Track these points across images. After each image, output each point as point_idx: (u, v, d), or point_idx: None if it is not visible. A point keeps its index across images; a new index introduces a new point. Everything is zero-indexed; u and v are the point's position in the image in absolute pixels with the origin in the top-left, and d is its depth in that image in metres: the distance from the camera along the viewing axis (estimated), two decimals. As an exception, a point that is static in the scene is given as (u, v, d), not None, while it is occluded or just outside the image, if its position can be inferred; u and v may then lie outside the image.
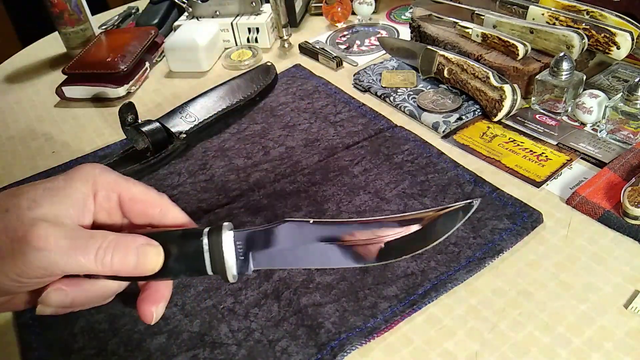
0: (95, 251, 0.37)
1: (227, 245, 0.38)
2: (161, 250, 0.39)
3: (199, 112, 0.70)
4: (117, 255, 0.37)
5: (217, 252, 0.38)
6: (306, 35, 0.93)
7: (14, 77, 0.96)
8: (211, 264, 0.38)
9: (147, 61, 0.90)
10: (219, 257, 0.38)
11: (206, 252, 0.38)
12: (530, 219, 0.50)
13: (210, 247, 0.38)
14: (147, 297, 0.41)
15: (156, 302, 0.41)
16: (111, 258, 0.37)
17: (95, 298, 0.40)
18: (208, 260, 0.38)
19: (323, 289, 0.47)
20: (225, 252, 0.38)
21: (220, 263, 0.38)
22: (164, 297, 0.42)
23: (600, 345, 0.40)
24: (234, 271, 0.39)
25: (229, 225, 0.40)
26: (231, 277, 0.39)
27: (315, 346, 0.42)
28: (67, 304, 0.39)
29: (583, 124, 0.61)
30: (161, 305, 0.41)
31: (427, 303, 0.44)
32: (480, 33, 0.70)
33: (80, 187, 0.40)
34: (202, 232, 0.39)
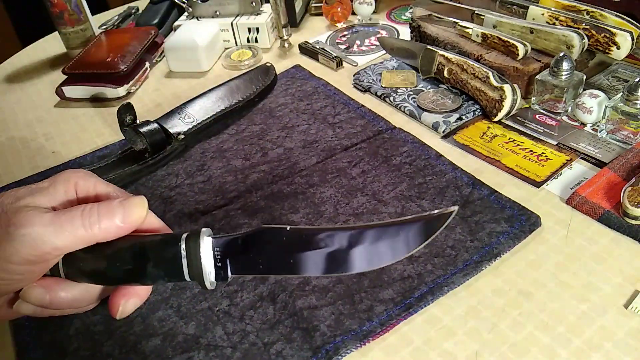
0: (80, 216, 0.38)
1: (204, 252, 0.38)
2: (144, 199, 0.41)
3: (198, 113, 0.70)
4: (102, 212, 0.39)
5: (195, 258, 0.38)
6: (306, 35, 0.93)
7: (14, 77, 0.96)
8: (188, 270, 0.38)
9: (147, 61, 0.90)
10: (196, 263, 0.38)
11: (184, 257, 0.38)
12: (529, 222, 0.49)
13: (187, 253, 0.38)
14: (119, 290, 0.41)
15: (127, 296, 0.41)
16: (98, 217, 0.38)
17: (74, 301, 0.41)
18: (185, 266, 0.38)
19: (319, 291, 0.46)
20: (203, 258, 0.38)
21: (197, 269, 0.38)
22: (138, 295, 0.42)
23: (600, 345, 0.40)
24: (212, 277, 0.39)
25: (207, 231, 0.40)
26: (208, 283, 0.39)
27: (310, 349, 0.42)
28: (45, 301, 0.40)
29: (583, 124, 0.61)
30: (131, 301, 0.41)
31: (423, 306, 0.44)
32: (480, 33, 0.70)
33: (61, 188, 0.41)
34: (180, 237, 0.39)
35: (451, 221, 0.39)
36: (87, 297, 0.42)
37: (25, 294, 0.39)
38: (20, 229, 0.36)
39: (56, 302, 0.40)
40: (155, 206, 0.59)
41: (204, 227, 0.40)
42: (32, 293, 0.39)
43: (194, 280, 0.39)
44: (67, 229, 0.37)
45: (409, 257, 0.48)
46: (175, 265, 0.38)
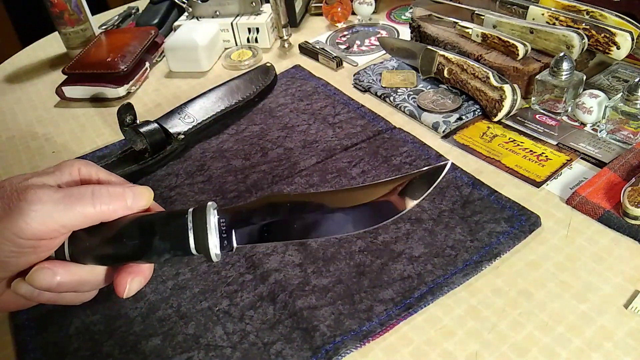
0: (91, 195, 0.40)
1: (211, 224, 0.40)
2: (150, 189, 0.43)
3: (198, 113, 0.70)
4: (113, 194, 0.41)
5: (201, 230, 0.39)
6: (306, 35, 0.93)
7: (14, 77, 0.97)
8: (195, 242, 0.39)
9: (147, 61, 0.90)
10: (203, 235, 0.39)
11: (190, 230, 0.39)
12: (528, 222, 0.49)
13: (194, 225, 0.39)
14: (125, 269, 0.42)
15: (132, 274, 0.42)
16: (109, 198, 0.40)
17: (79, 284, 0.41)
18: (192, 238, 0.39)
19: (319, 291, 0.46)
20: (209, 230, 0.40)
21: (203, 241, 0.39)
22: (143, 274, 0.42)
23: (600, 345, 0.40)
24: (217, 250, 0.40)
25: (213, 205, 0.41)
26: (214, 255, 0.40)
27: (310, 349, 0.42)
28: (53, 284, 0.40)
29: (583, 124, 0.61)
30: (137, 279, 0.42)
31: (423, 306, 0.44)
32: (480, 33, 0.70)
33: (67, 171, 0.43)
34: (187, 211, 0.40)
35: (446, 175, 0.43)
36: (92, 280, 0.42)
37: (33, 275, 0.39)
38: (31, 204, 0.37)
39: (63, 285, 0.40)
40: (155, 206, 0.59)
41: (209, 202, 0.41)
42: (39, 274, 0.39)
43: (200, 253, 0.40)
44: (77, 207, 0.39)
45: (409, 257, 0.48)
46: (181, 238, 0.39)
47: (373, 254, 0.49)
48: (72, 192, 0.39)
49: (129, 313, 0.48)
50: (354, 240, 0.50)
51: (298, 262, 0.49)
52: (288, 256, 0.50)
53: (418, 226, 0.51)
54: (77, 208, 0.39)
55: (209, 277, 0.50)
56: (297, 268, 0.49)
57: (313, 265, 0.49)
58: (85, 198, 0.39)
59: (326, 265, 0.48)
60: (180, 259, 0.51)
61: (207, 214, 0.40)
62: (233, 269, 0.50)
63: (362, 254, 0.49)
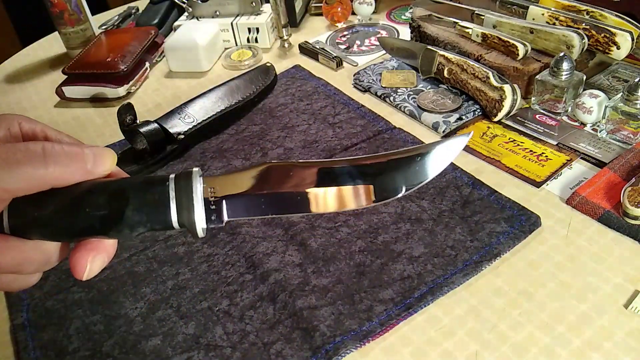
0: (42, 153, 0.31)
1: (197, 193, 0.33)
2: (113, 151, 0.35)
3: (198, 113, 0.70)
4: (70, 154, 0.32)
5: (186, 200, 0.33)
6: (306, 35, 0.93)
7: (14, 77, 0.96)
8: (177, 214, 0.33)
9: (147, 61, 0.90)
10: (188, 206, 0.33)
11: (172, 199, 0.33)
12: (528, 222, 0.49)
13: (177, 194, 0.33)
14: (84, 245, 0.34)
15: (94, 251, 0.34)
16: (66, 158, 0.32)
17: (22, 264, 0.33)
18: (174, 210, 0.33)
19: (319, 291, 0.46)
20: (195, 200, 0.33)
21: (188, 213, 0.33)
22: (106, 251, 0.34)
23: (600, 345, 0.40)
24: (204, 223, 0.34)
25: (199, 171, 0.35)
26: (200, 230, 0.34)
27: (310, 349, 0.42)
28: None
29: (583, 124, 0.61)
30: (99, 257, 0.34)
31: (423, 306, 0.44)
32: (480, 33, 0.70)
33: (3, 126, 0.35)
34: (168, 177, 0.33)
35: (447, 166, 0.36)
36: (37, 259, 0.33)
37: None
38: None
39: (3, 265, 0.32)
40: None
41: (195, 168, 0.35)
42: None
43: (183, 227, 0.33)
44: (23, 167, 0.30)
45: (409, 257, 0.48)
46: (161, 209, 0.33)
47: (373, 254, 0.49)
48: (17, 148, 0.31)
49: (129, 313, 0.48)
50: (354, 240, 0.50)
51: (298, 262, 0.49)
52: (288, 256, 0.50)
53: (418, 226, 0.51)
54: (23, 168, 0.30)
55: (209, 277, 0.50)
56: (297, 268, 0.49)
57: (313, 265, 0.49)
58: (34, 156, 0.31)
59: (326, 265, 0.48)
60: (154, 234, 0.46)
61: (192, 181, 0.33)
62: (233, 269, 0.50)
63: (362, 254, 0.49)
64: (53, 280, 0.52)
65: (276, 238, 0.52)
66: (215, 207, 0.34)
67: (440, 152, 0.35)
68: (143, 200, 0.33)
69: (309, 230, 0.52)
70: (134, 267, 0.52)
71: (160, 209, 0.33)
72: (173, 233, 0.55)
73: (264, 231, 0.53)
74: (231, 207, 0.34)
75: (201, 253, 0.52)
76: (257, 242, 0.52)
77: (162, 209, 0.33)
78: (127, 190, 0.33)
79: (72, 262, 0.33)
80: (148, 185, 0.33)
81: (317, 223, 0.53)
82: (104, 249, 0.34)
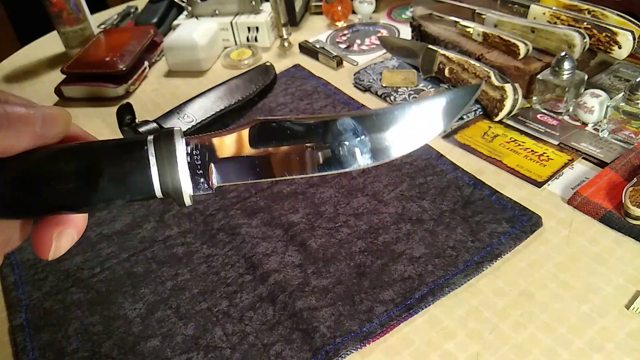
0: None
1: (180, 156, 0.29)
2: (67, 111, 0.29)
3: (197, 113, 0.70)
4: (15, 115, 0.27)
5: (168, 165, 0.29)
6: (306, 34, 0.93)
7: (12, 77, 0.96)
8: (160, 182, 0.29)
9: (146, 60, 0.89)
10: (171, 171, 0.29)
11: (153, 165, 0.29)
12: (530, 223, 0.49)
13: (158, 159, 0.29)
14: (47, 220, 0.29)
15: (60, 226, 0.29)
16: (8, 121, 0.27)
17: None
18: (156, 176, 0.29)
19: (319, 292, 0.46)
20: (179, 163, 0.29)
21: (172, 180, 0.29)
22: (74, 224, 0.30)
23: (601, 346, 0.40)
24: (191, 190, 0.30)
25: (180, 131, 0.30)
26: (187, 198, 0.30)
27: (310, 350, 0.42)
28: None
29: (584, 124, 0.60)
30: (67, 233, 0.29)
31: (423, 307, 0.44)
32: (481, 32, 0.69)
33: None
34: (146, 140, 0.29)
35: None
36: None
37: None
38: None
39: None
40: (154, 207, 0.59)
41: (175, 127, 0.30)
42: None
43: (167, 197, 0.29)
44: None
45: (410, 257, 0.48)
46: (141, 177, 0.29)
47: (373, 255, 0.49)
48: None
49: (128, 314, 0.47)
50: (355, 241, 0.50)
51: (298, 262, 0.49)
52: (288, 257, 0.50)
53: (419, 226, 0.51)
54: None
55: (208, 278, 0.49)
56: (297, 269, 0.48)
57: (313, 265, 0.48)
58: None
59: (326, 265, 0.48)
60: (153, 235, 0.43)
61: (174, 142, 0.29)
62: (232, 269, 0.50)
63: (362, 254, 0.49)
64: (52, 280, 0.52)
65: (276, 238, 0.52)
66: (202, 172, 0.30)
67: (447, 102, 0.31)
68: (119, 168, 0.28)
69: (309, 231, 0.52)
70: (132, 268, 0.52)
71: (140, 177, 0.29)
72: (172, 233, 0.54)
73: (264, 231, 0.53)
74: (221, 170, 0.30)
75: (200, 254, 0.52)
76: (257, 243, 0.52)
77: (141, 177, 0.29)
78: (99, 156, 0.29)
79: (35, 241, 0.29)
80: (123, 149, 0.29)
81: (317, 223, 0.53)
82: (72, 223, 0.30)
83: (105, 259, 0.53)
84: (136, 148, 0.28)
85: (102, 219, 0.58)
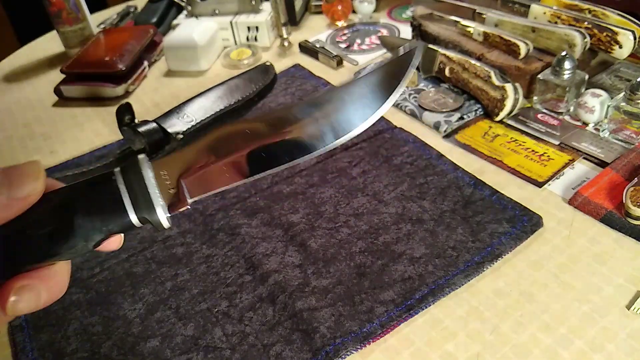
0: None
1: (149, 181, 0.29)
2: (39, 164, 0.28)
3: (197, 113, 0.70)
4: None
5: (140, 193, 0.29)
6: (306, 34, 0.93)
7: (12, 76, 0.96)
8: (135, 210, 0.29)
9: (146, 60, 0.89)
10: (144, 198, 0.29)
11: (124, 195, 0.29)
12: (530, 223, 0.49)
13: (128, 189, 0.29)
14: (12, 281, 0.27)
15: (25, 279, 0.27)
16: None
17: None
18: (129, 205, 0.29)
19: (319, 293, 0.46)
20: (149, 186, 0.29)
21: (146, 206, 0.29)
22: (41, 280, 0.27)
23: (602, 346, 0.40)
24: (167, 212, 0.30)
25: (145, 158, 0.30)
26: (165, 221, 0.30)
27: (310, 351, 0.41)
28: None
29: (585, 124, 0.60)
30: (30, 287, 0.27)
31: (424, 308, 0.44)
32: (481, 32, 0.69)
33: None
34: (113, 172, 0.29)
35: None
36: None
37: None
38: None
39: None
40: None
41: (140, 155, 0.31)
42: None
43: (145, 222, 0.30)
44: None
45: (410, 257, 0.47)
46: (115, 209, 0.29)
47: (374, 255, 0.48)
48: None
49: (128, 314, 0.47)
50: (355, 241, 0.50)
51: (298, 263, 0.49)
52: (288, 257, 0.50)
53: (419, 227, 0.51)
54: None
55: (208, 278, 0.49)
56: (297, 269, 0.48)
57: (313, 266, 0.48)
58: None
59: (326, 266, 0.48)
60: (152, 235, 0.42)
61: (141, 170, 0.29)
62: (232, 270, 0.50)
63: (362, 254, 0.49)
64: (51, 281, 0.52)
65: (276, 239, 0.52)
66: (174, 191, 0.30)
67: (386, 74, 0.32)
68: (92, 203, 0.29)
69: (309, 231, 0.52)
70: (132, 268, 0.52)
71: (114, 208, 0.29)
72: (172, 234, 0.54)
73: (264, 232, 0.53)
74: (192, 185, 0.30)
75: (200, 254, 0.52)
76: (257, 243, 0.52)
77: (116, 208, 0.29)
78: (71, 196, 0.29)
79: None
80: (93, 185, 0.29)
81: (317, 223, 0.53)
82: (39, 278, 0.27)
83: (105, 259, 0.53)
84: (105, 182, 0.29)
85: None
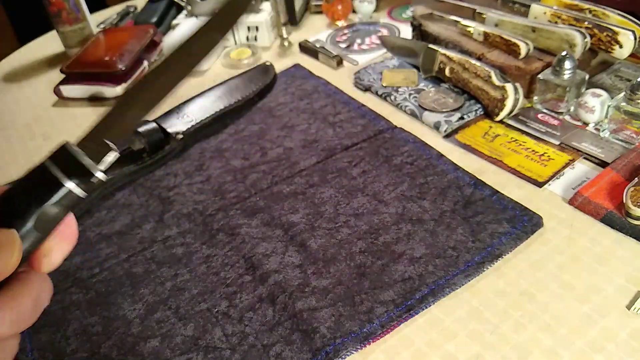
0: None
1: (71, 147, 0.31)
2: (14, 234, 0.27)
3: (197, 113, 0.69)
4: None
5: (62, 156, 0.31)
6: (306, 33, 0.93)
7: (11, 76, 0.96)
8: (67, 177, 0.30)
9: (146, 60, 0.89)
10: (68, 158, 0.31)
11: (51, 165, 0.30)
12: (530, 223, 0.49)
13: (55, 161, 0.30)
14: None
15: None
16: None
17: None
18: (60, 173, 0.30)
19: (319, 293, 0.46)
20: (74, 152, 0.31)
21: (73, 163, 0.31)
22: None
23: (602, 346, 0.40)
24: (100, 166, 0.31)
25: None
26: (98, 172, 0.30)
27: (309, 351, 0.41)
28: None
29: (585, 124, 0.60)
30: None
31: (424, 308, 0.44)
32: (481, 32, 0.69)
33: None
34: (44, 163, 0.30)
35: None
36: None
37: None
38: None
39: None
40: (154, 207, 0.58)
41: None
42: None
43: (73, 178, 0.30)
44: None
45: (410, 258, 0.47)
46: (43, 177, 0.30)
47: (374, 255, 0.48)
48: None
49: (127, 314, 0.47)
50: (355, 241, 0.50)
51: (298, 263, 0.49)
52: (288, 257, 0.50)
53: (419, 227, 0.50)
54: None
55: (208, 279, 0.49)
56: (296, 269, 0.48)
57: (313, 266, 0.48)
58: None
59: (326, 266, 0.48)
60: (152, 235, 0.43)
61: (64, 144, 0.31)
62: (232, 270, 0.49)
63: (362, 254, 0.49)
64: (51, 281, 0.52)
65: (276, 239, 0.52)
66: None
67: None
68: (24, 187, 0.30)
69: (309, 231, 0.52)
70: (132, 268, 0.52)
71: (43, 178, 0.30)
72: (171, 234, 0.54)
73: (264, 232, 0.53)
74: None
75: (200, 254, 0.52)
76: (257, 243, 0.51)
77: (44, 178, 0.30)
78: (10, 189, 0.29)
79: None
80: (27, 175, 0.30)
81: (317, 223, 0.53)
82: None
83: (105, 259, 0.53)
84: (36, 168, 0.30)
85: (101, 220, 0.58)
